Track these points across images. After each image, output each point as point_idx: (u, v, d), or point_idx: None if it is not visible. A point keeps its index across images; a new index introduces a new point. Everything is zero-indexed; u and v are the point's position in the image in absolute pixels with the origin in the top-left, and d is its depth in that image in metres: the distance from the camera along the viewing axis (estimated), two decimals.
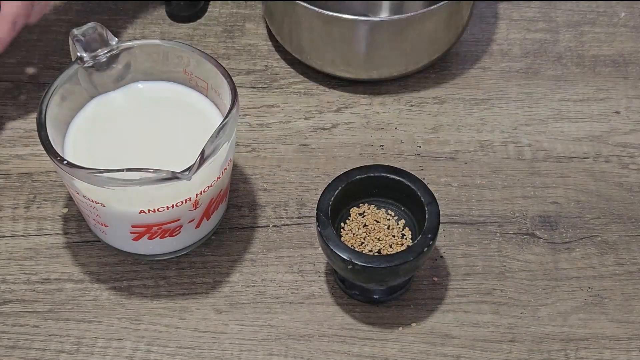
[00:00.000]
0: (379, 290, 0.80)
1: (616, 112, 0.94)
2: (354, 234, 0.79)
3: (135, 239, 0.80)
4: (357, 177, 0.79)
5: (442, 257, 0.84)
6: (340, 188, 0.79)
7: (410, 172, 0.80)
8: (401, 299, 0.81)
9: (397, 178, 0.79)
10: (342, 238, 0.79)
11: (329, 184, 0.79)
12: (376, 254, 0.78)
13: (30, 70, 0.96)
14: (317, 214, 0.77)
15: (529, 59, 0.98)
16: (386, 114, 0.94)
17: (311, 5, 0.88)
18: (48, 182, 0.88)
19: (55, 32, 0.99)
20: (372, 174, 0.80)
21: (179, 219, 0.78)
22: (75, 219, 0.86)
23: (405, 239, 0.79)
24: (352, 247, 0.77)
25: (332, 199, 0.78)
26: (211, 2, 1.02)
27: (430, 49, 0.93)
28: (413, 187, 0.78)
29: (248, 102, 0.94)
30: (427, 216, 0.77)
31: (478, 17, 1.01)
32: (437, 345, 0.79)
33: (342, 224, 0.80)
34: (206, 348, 0.79)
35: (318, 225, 0.76)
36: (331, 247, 0.75)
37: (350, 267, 0.75)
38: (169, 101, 0.83)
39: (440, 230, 0.82)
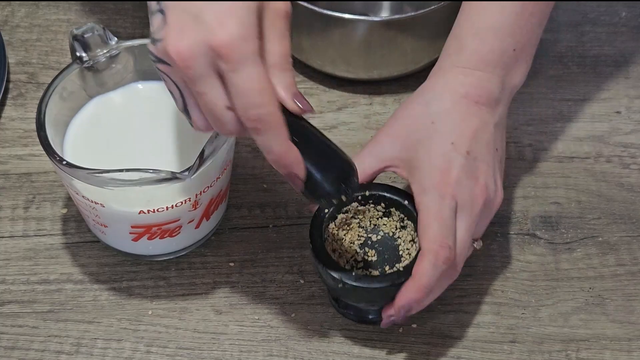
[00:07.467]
0: (373, 311, 0.79)
1: (617, 112, 0.94)
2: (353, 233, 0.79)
3: (135, 240, 0.79)
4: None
5: None
6: (335, 206, 0.77)
7: None
8: None
9: (395, 198, 0.77)
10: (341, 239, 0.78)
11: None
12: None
13: (30, 70, 0.96)
14: (310, 232, 0.76)
15: None
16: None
17: (311, 5, 0.88)
18: (47, 182, 0.88)
19: (54, 32, 0.99)
20: (372, 192, 0.78)
21: (179, 220, 0.78)
22: (74, 220, 0.86)
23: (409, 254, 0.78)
24: (344, 265, 0.76)
25: (327, 216, 0.76)
26: None
27: (430, 49, 0.93)
28: (410, 208, 0.76)
29: None
30: None
31: None
32: (438, 345, 0.79)
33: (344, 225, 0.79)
34: (206, 349, 0.79)
35: (311, 242, 0.75)
36: (322, 265, 0.74)
37: (340, 285, 0.74)
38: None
39: None
